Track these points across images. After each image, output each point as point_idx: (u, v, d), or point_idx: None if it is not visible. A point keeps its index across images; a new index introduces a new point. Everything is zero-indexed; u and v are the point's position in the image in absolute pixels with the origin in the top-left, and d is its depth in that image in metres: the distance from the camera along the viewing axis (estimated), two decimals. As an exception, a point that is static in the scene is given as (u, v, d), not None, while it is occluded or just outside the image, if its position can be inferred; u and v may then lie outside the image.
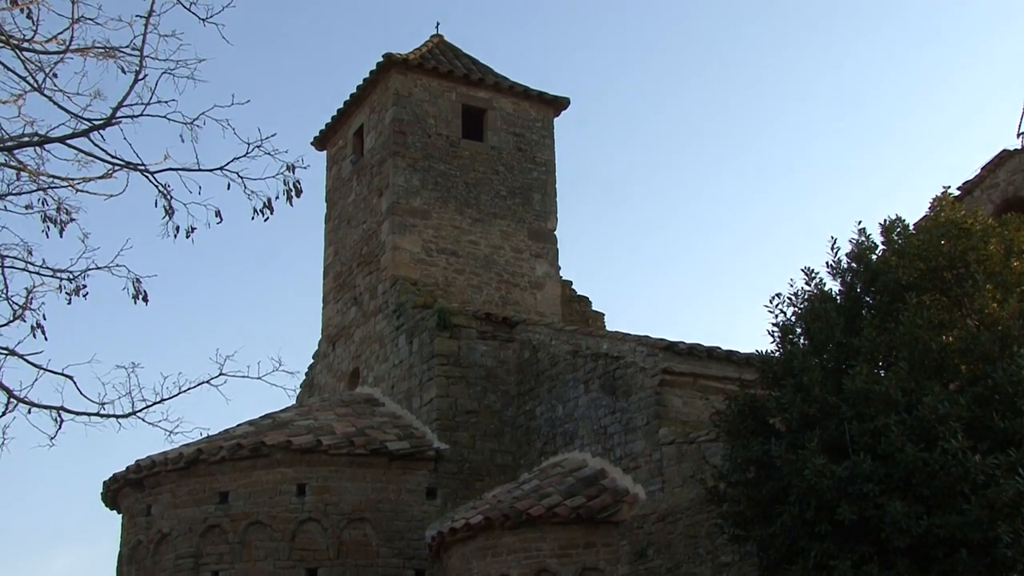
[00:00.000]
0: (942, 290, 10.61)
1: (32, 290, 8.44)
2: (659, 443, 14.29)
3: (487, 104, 21.11)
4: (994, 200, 14.77)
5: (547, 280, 20.73)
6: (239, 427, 17.42)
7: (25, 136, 7.88)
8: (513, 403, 17.98)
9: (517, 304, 20.09)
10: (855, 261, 11.39)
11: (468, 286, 19.82)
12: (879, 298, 10.98)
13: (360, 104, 21.44)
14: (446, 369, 17.72)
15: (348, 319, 20.89)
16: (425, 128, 20.35)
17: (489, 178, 20.65)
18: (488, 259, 20.18)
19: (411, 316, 18.58)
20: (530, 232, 20.79)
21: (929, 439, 9.55)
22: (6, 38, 7.69)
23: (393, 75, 20.38)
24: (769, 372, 11.46)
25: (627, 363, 15.26)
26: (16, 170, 8.14)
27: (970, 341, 9.96)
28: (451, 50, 21.91)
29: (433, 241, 19.78)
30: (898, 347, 10.23)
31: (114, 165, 8.04)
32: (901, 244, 11.06)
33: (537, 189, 21.11)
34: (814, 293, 11.47)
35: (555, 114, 21.81)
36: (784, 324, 11.57)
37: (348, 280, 21.05)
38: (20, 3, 7.66)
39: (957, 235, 10.68)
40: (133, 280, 8.51)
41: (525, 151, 21.19)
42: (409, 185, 19.87)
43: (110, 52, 8.02)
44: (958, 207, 11.46)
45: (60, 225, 8.35)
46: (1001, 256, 10.62)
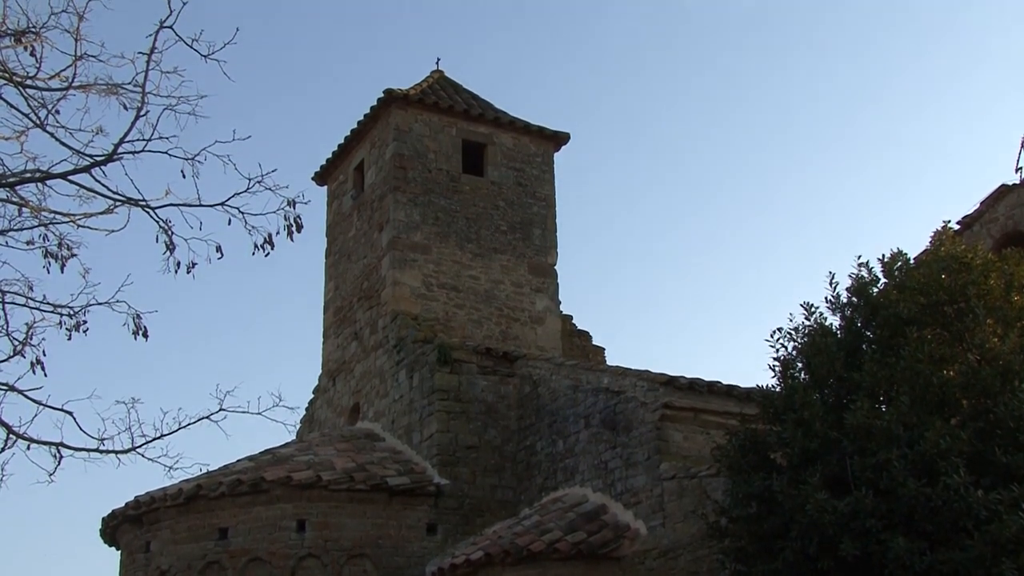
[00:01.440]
0: (943, 324, 10.60)
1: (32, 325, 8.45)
2: (660, 478, 14.23)
3: (487, 139, 21.18)
4: (994, 234, 14.78)
5: (547, 315, 20.72)
6: (239, 463, 17.36)
7: (27, 172, 7.91)
8: (514, 438, 17.93)
9: (518, 339, 20.07)
10: (855, 295, 11.38)
11: (469, 321, 19.81)
12: (879, 332, 10.97)
13: (361, 139, 21.51)
14: (446, 404, 17.68)
15: (348, 354, 20.86)
16: (425, 163, 20.41)
17: (489, 213, 20.69)
18: (488, 294, 20.19)
19: (411, 351, 18.56)
20: (530, 267, 20.81)
21: (931, 474, 9.51)
22: (9, 75, 7.74)
23: (394, 110, 20.47)
24: (770, 407, 11.42)
25: (628, 398, 15.23)
26: (18, 206, 8.17)
27: (971, 376, 9.95)
28: (451, 85, 22.02)
29: (433, 276, 19.79)
30: (899, 382, 10.21)
31: (115, 201, 8.07)
32: (901, 278, 11.07)
33: (537, 224, 21.15)
34: (814, 328, 11.46)
35: (555, 149, 21.88)
36: (785, 359, 11.56)
37: (348, 315, 21.04)
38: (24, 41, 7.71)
39: (957, 269, 10.68)
40: (133, 316, 8.52)
41: (525, 186, 21.24)
42: (409, 220, 19.91)
43: (112, 89, 8.07)
44: (958, 241, 11.47)
45: (61, 261, 8.37)
46: (1001, 290, 10.62)
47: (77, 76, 7.98)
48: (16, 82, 7.77)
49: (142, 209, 8.09)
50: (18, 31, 7.76)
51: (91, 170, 7.92)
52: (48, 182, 8.08)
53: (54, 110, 8.00)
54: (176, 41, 8.03)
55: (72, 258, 8.45)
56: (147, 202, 8.08)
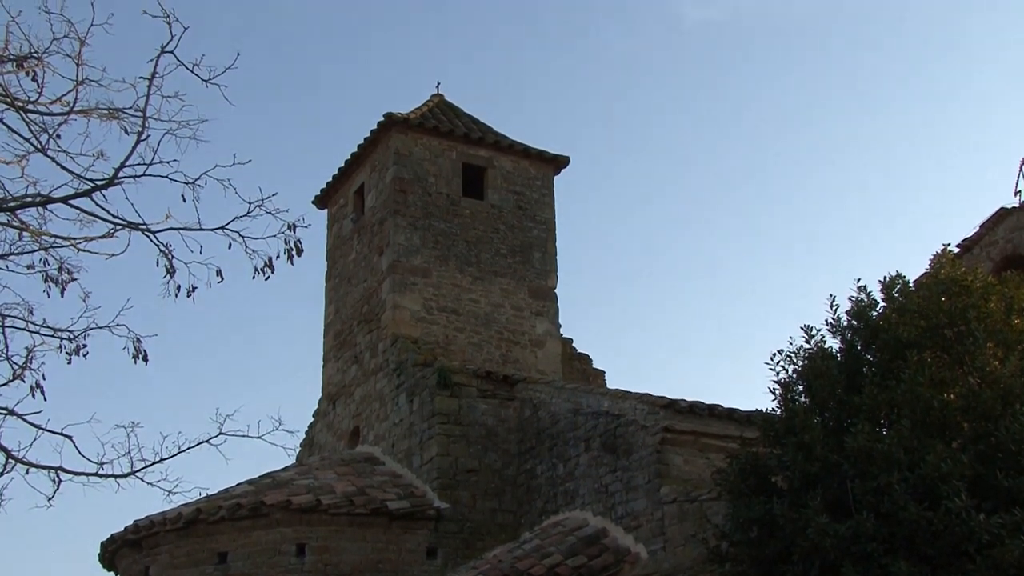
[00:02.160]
0: (943, 348, 10.58)
1: (32, 349, 8.44)
2: (660, 502, 14.19)
3: (487, 163, 21.23)
4: (993, 258, 14.77)
5: (548, 338, 20.71)
6: (238, 487, 17.32)
7: (28, 197, 7.93)
8: (514, 462, 17.89)
9: (518, 362, 20.06)
10: (855, 319, 11.37)
11: (469, 344, 19.80)
12: (880, 356, 10.95)
13: (361, 163, 21.56)
14: (447, 428, 17.66)
15: (348, 377, 20.84)
16: (426, 187, 20.45)
17: (489, 236, 20.71)
18: (489, 317, 20.18)
19: (411, 375, 18.54)
20: (530, 290, 20.81)
21: (932, 498, 9.48)
22: (11, 100, 7.76)
23: (394, 134, 20.52)
24: (771, 430, 11.39)
25: (628, 421, 15.21)
26: (18, 230, 8.18)
27: (972, 399, 9.93)
28: (451, 109, 22.08)
29: (434, 299, 19.79)
30: (899, 405, 10.19)
31: (116, 225, 8.08)
32: (901, 301, 11.06)
33: (537, 247, 21.16)
34: (814, 351, 11.44)
35: (555, 172, 21.92)
36: (785, 381, 11.52)
37: (348, 338, 21.03)
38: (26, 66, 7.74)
39: (957, 293, 10.67)
40: (133, 340, 8.52)
41: (525, 209, 21.27)
42: (410, 243, 19.93)
43: (113, 113, 8.09)
44: (958, 264, 11.46)
45: (61, 285, 8.37)
46: (1001, 314, 10.62)
47: (78, 101, 8.01)
48: (17, 107, 7.79)
49: (142, 233, 8.10)
50: (20, 56, 7.79)
51: (92, 194, 7.93)
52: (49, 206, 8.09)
53: (55, 135, 8.02)
54: (177, 66, 8.06)
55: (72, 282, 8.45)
56: (147, 226, 8.09)
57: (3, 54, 7.76)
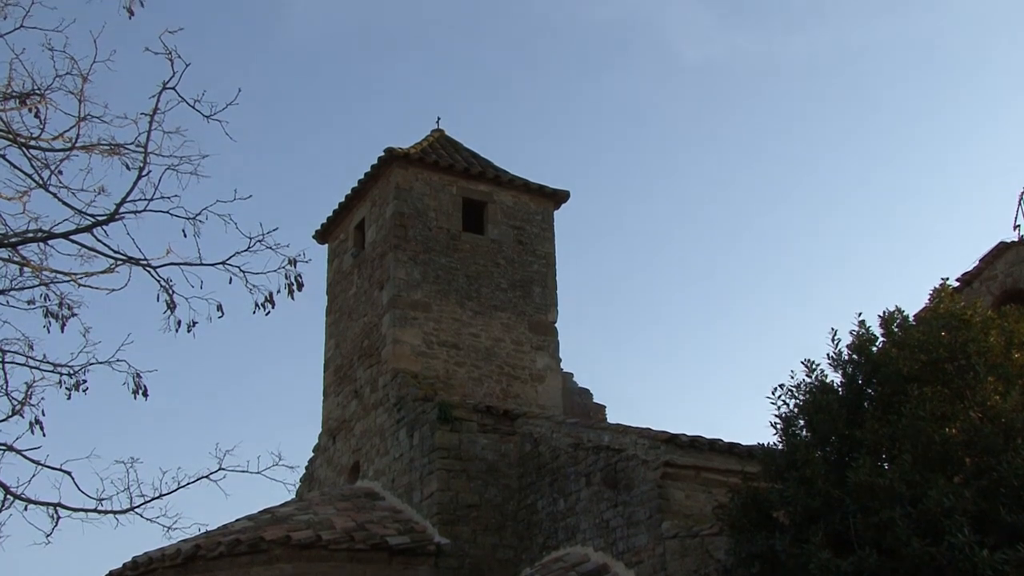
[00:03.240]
0: (944, 382, 10.57)
1: (32, 385, 8.44)
2: (662, 537, 14.12)
3: (487, 197, 21.27)
4: (993, 292, 14.78)
5: (548, 373, 20.68)
6: (238, 522, 17.23)
7: (29, 232, 7.94)
8: (514, 497, 17.81)
9: (518, 397, 20.01)
10: (856, 353, 11.36)
11: (469, 379, 19.76)
12: (881, 390, 10.93)
13: (361, 198, 21.60)
14: (447, 463, 17.59)
15: (349, 412, 20.79)
16: (426, 221, 20.48)
17: (490, 271, 20.72)
18: (489, 352, 20.16)
19: (412, 409, 18.50)
20: (531, 325, 20.79)
21: (935, 533, 9.43)
22: (13, 136, 7.79)
23: (394, 169, 20.58)
24: (772, 465, 11.36)
25: (629, 456, 15.16)
26: (19, 265, 8.19)
27: (973, 433, 9.90)
28: (452, 144, 22.15)
29: (434, 334, 19.77)
30: (901, 439, 10.16)
31: (117, 260, 8.09)
32: (901, 336, 11.05)
33: (537, 282, 21.17)
34: (815, 385, 11.42)
35: (555, 207, 21.96)
36: (786, 416, 11.51)
37: (349, 373, 21.00)
38: (28, 103, 7.77)
39: (957, 327, 10.67)
40: (133, 375, 8.51)
41: (525, 244, 21.30)
42: (410, 278, 19.93)
43: (115, 149, 8.12)
44: (957, 299, 11.48)
45: (62, 320, 8.38)
46: (1002, 348, 10.61)
47: (80, 137, 8.04)
48: (20, 143, 7.82)
49: (143, 268, 8.12)
50: (23, 93, 7.82)
51: (93, 230, 7.94)
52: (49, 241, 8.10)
53: (57, 170, 8.05)
54: (179, 102, 8.10)
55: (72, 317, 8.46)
56: (148, 261, 8.10)
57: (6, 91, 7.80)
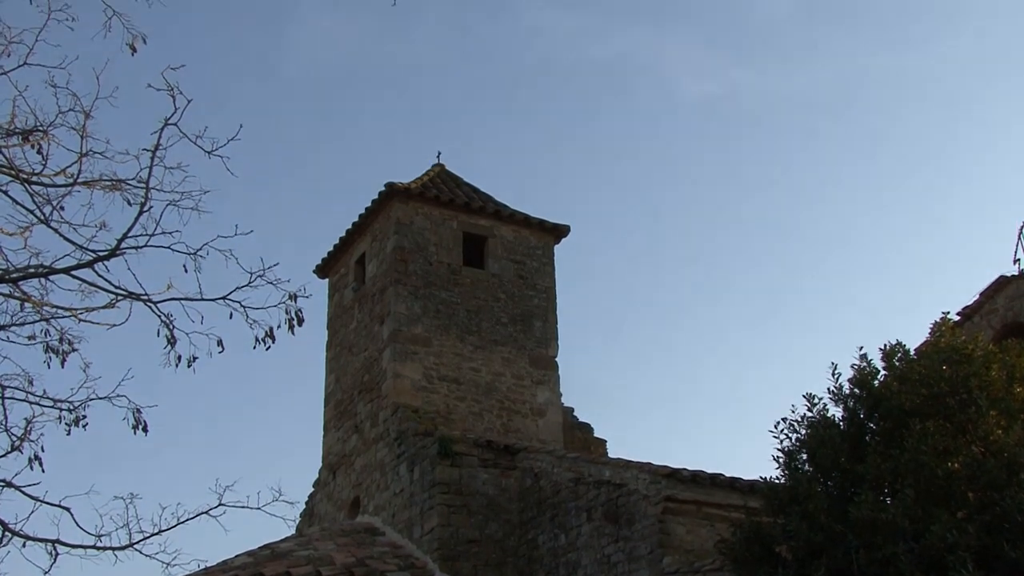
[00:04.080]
0: (946, 416, 10.54)
1: (31, 421, 8.42)
2: (663, 572, 14.04)
3: (488, 232, 21.31)
4: (994, 326, 14.78)
5: (548, 407, 20.64)
6: (237, 558, 17.13)
7: (31, 268, 7.94)
8: (515, 532, 17.73)
9: (519, 431, 19.97)
10: (857, 387, 11.34)
11: (469, 413, 19.73)
12: (883, 424, 10.91)
13: (362, 232, 21.64)
14: (447, 498, 17.52)
15: (349, 447, 20.74)
16: (426, 256, 20.51)
17: (490, 305, 20.73)
18: (489, 386, 20.13)
19: (412, 444, 18.45)
20: (531, 359, 20.78)
21: (939, 569, 9.37)
22: (15, 172, 7.81)
23: (395, 204, 20.62)
24: (774, 499, 11.31)
25: (630, 491, 15.10)
26: (20, 301, 8.19)
27: (976, 468, 9.87)
28: (452, 179, 22.22)
29: (434, 368, 19.75)
30: (903, 474, 10.13)
31: (117, 295, 8.09)
32: (903, 370, 11.04)
33: (538, 316, 21.17)
34: (817, 419, 11.40)
35: (556, 241, 22.00)
36: (788, 450, 11.47)
37: (349, 408, 20.96)
38: (31, 139, 7.80)
39: (959, 361, 10.66)
40: (133, 410, 8.49)
41: (526, 278, 21.32)
42: (410, 312, 19.94)
43: (116, 185, 8.13)
44: (958, 333, 11.47)
45: (62, 355, 8.37)
46: (1003, 382, 10.59)
47: (82, 172, 8.06)
48: (22, 179, 7.84)
49: (144, 303, 8.11)
50: (26, 130, 7.85)
51: (94, 265, 7.95)
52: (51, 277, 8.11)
53: (59, 206, 8.06)
54: (180, 138, 8.12)
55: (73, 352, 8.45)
56: (149, 296, 8.10)
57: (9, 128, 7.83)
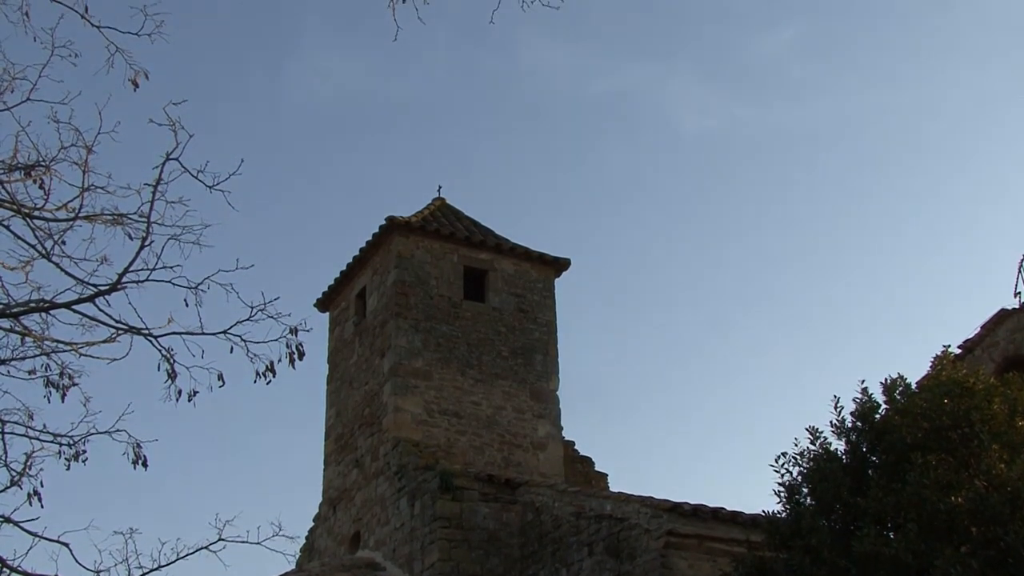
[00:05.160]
0: (948, 450, 10.51)
1: (31, 456, 8.38)
2: (666, 608, 13.96)
3: (489, 265, 21.32)
4: (995, 359, 14.76)
5: (549, 441, 20.59)
6: (236, 594, 17.06)
7: (32, 302, 7.94)
8: (516, 567, 17.62)
9: (520, 465, 19.90)
10: (860, 420, 11.32)
11: (470, 447, 19.67)
12: (885, 458, 10.87)
13: (363, 266, 21.66)
14: (448, 532, 17.43)
15: (349, 481, 20.66)
16: (427, 289, 20.52)
17: (491, 339, 20.72)
18: (490, 420, 20.09)
19: (413, 478, 18.38)
20: (532, 392, 20.74)
21: (942, 604, 9.33)
22: (17, 207, 7.82)
23: (396, 238, 20.66)
24: (776, 533, 11.26)
25: (631, 525, 15.03)
26: (21, 335, 8.18)
27: (979, 503, 9.83)
28: (453, 213, 22.26)
29: (435, 402, 19.72)
30: (906, 508, 10.09)
31: (118, 329, 8.07)
32: (904, 403, 11.02)
33: (539, 350, 21.15)
34: (819, 453, 11.37)
35: (556, 275, 22.01)
36: (790, 484, 11.44)
37: (350, 442, 20.90)
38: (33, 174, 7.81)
39: (960, 394, 10.64)
40: (133, 445, 8.46)
41: (527, 312, 21.31)
42: (411, 346, 19.92)
43: (118, 219, 8.13)
44: (959, 366, 11.46)
45: (62, 390, 8.34)
46: (1006, 416, 10.57)
47: (84, 207, 8.05)
48: (23, 213, 7.85)
49: (145, 338, 8.09)
50: (28, 165, 7.87)
51: (95, 299, 7.94)
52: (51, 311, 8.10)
53: (60, 240, 8.06)
54: (182, 172, 8.13)
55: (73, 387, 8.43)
56: (150, 331, 8.08)
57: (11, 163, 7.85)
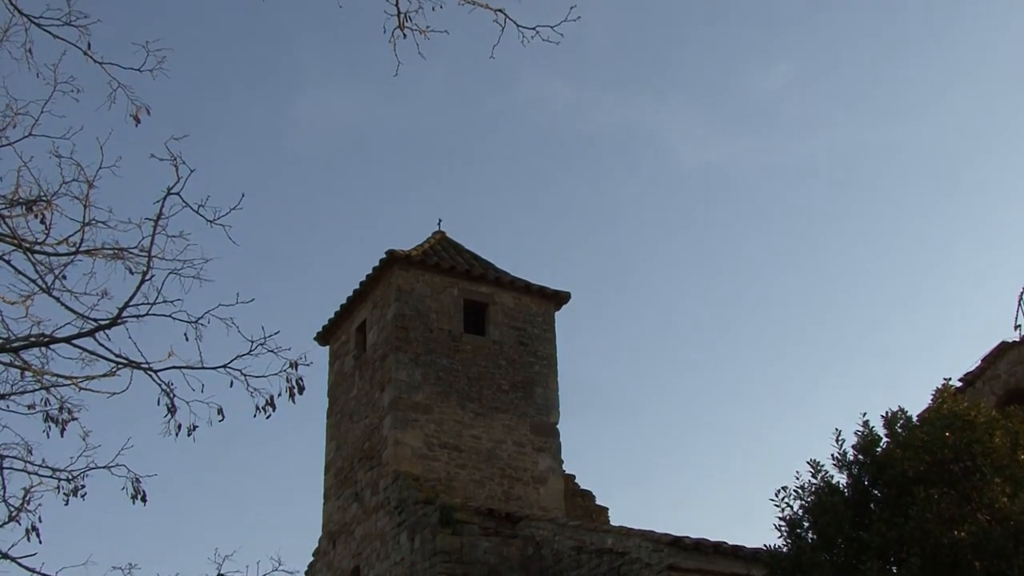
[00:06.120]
0: (950, 483, 10.47)
1: (29, 491, 8.34)
2: (668, 644, 13.87)
3: (489, 299, 21.32)
4: (996, 392, 14.74)
5: (550, 474, 20.51)
6: (235, 629, 16.92)
7: (32, 337, 7.92)
8: (517, 602, 17.52)
9: (520, 499, 19.82)
10: (861, 453, 11.28)
11: (470, 481, 19.60)
12: (887, 491, 10.82)
13: (363, 300, 21.65)
14: (448, 567, 17.33)
15: (349, 516, 20.58)
16: (427, 323, 20.50)
17: (491, 372, 20.68)
18: (490, 453, 20.02)
19: (413, 512, 18.30)
20: (532, 426, 20.69)
21: (947, 639, 9.27)
22: (18, 242, 7.82)
23: (396, 271, 20.66)
24: (778, 568, 11.20)
25: (632, 559, 14.96)
26: (20, 369, 8.15)
27: (983, 537, 9.78)
28: (453, 246, 22.27)
29: (435, 436, 19.66)
30: (909, 542, 10.03)
31: (118, 364, 8.04)
32: (905, 436, 10.99)
33: (539, 383, 21.11)
34: (821, 486, 11.32)
35: (556, 308, 22.00)
36: (791, 518, 11.38)
37: (350, 476, 20.83)
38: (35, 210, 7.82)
39: (962, 427, 10.61)
40: (132, 479, 8.42)
41: (527, 345, 21.28)
42: (411, 380, 19.88)
43: (119, 253, 8.12)
44: (960, 399, 11.43)
45: (61, 424, 8.30)
46: (1007, 449, 10.54)
47: (84, 241, 8.04)
48: (24, 248, 7.85)
49: (144, 372, 8.07)
50: (29, 200, 7.88)
51: (95, 334, 7.92)
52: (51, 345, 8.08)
53: (61, 275, 8.04)
54: (183, 207, 8.12)
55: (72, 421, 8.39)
56: (149, 365, 8.05)
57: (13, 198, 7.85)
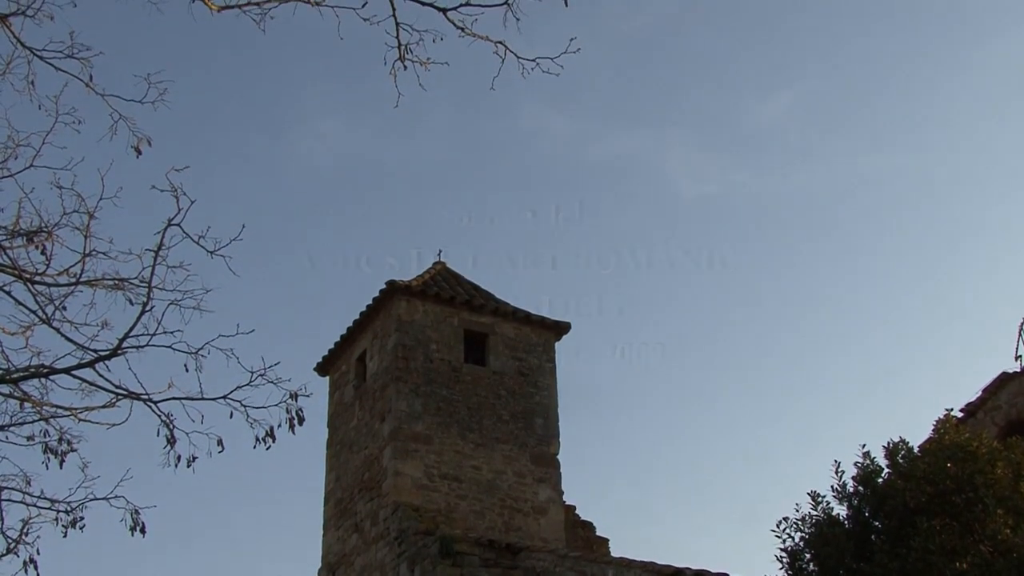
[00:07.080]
0: (952, 514, 10.44)
1: (28, 522, 8.30)
2: (669, 677, 13.77)
3: (489, 329, 21.30)
4: (997, 422, 14.70)
5: (550, 505, 20.43)
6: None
7: (31, 368, 7.91)
8: (517, 634, 17.39)
9: (520, 530, 19.73)
10: (862, 484, 11.25)
11: (471, 512, 19.52)
12: (888, 522, 10.79)
13: (363, 330, 21.64)
14: (448, 599, 17.23)
15: (349, 546, 20.48)
16: (427, 353, 20.48)
17: (491, 402, 20.64)
18: (491, 484, 19.95)
19: (413, 543, 18.21)
20: (532, 457, 20.62)
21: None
22: (19, 273, 7.82)
23: (396, 301, 20.66)
24: (780, 600, 11.15)
25: (634, 591, 14.87)
26: (20, 400, 8.14)
27: (985, 568, 9.74)
28: (453, 277, 22.29)
29: (435, 466, 19.59)
30: (911, 574, 9.99)
31: (118, 395, 8.03)
32: (907, 467, 10.97)
33: (539, 413, 21.06)
34: (822, 518, 11.30)
35: (556, 338, 21.98)
36: (792, 549, 11.35)
37: (349, 506, 20.75)
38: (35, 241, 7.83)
39: (963, 458, 10.59)
40: (132, 511, 8.38)
41: (527, 375, 21.25)
42: (411, 410, 19.84)
43: (119, 284, 8.12)
44: (962, 430, 11.41)
45: (60, 456, 8.28)
46: (1010, 480, 10.51)
47: (85, 272, 8.05)
48: (24, 279, 7.85)
49: (144, 403, 8.05)
50: (30, 231, 7.89)
51: (95, 365, 7.91)
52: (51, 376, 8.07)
53: (61, 305, 8.04)
54: (183, 238, 8.12)
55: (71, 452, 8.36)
56: (149, 396, 8.03)
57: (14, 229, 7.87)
